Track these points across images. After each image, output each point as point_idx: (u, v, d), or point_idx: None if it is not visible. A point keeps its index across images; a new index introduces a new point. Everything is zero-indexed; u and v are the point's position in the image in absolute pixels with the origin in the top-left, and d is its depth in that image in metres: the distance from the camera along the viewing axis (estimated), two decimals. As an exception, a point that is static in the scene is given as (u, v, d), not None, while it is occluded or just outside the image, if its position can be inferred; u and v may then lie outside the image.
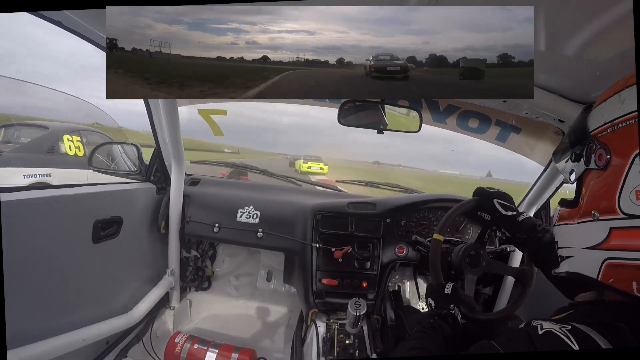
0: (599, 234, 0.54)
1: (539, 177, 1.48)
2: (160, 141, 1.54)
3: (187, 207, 1.64)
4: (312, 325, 1.36)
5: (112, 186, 1.36)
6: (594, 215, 0.55)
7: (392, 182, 2.08)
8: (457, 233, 1.58)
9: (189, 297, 1.94)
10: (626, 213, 0.50)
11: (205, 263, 1.98)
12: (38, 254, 0.97)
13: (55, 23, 0.89)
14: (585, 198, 0.59)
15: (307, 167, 10.90)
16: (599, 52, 0.80)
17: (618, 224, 0.51)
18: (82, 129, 4.21)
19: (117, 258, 1.35)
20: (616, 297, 0.58)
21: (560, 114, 1.16)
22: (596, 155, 0.57)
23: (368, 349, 1.24)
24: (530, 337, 0.53)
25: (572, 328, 0.52)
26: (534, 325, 0.56)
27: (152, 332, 1.59)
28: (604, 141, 0.56)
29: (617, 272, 0.52)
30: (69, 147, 3.85)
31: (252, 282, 2.11)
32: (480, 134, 1.62)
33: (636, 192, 0.49)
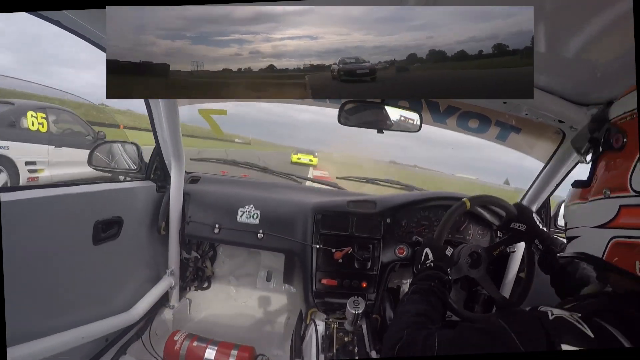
0: (609, 212, 0.56)
1: (538, 175, 1.48)
2: (160, 140, 1.53)
3: (187, 206, 1.63)
4: (312, 324, 1.37)
5: (113, 185, 1.36)
6: (605, 193, 0.58)
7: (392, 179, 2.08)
8: (457, 233, 1.57)
9: (188, 296, 1.94)
10: (637, 191, 0.52)
11: (205, 264, 1.99)
12: (38, 253, 0.97)
13: (54, 23, 0.89)
14: (599, 177, 0.62)
15: (297, 159, 12.07)
16: (599, 53, 0.80)
17: (628, 201, 0.53)
18: (49, 107, 4.29)
19: (117, 259, 1.35)
20: (624, 287, 0.58)
21: (560, 115, 1.16)
22: (614, 139, 0.60)
23: (367, 347, 1.25)
24: (540, 321, 0.53)
25: (583, 316, 0.52)
26: (543, 311, 0.56)
27: (151, 331, 1.59)
28: (622, 126, 0.59)
29: (622, 251, 0.54)
30: (31, 123, 3.96)
31: (251, 283, 2.12)
32: (481, 134, 1.62)
33: None
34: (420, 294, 0.82)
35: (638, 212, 0.52)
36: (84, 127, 4.72)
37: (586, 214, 0.62)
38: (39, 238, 0.97)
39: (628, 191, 0.53)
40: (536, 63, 0.74)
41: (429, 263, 0.95)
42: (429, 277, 0.88)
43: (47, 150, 3.91)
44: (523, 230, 1.08)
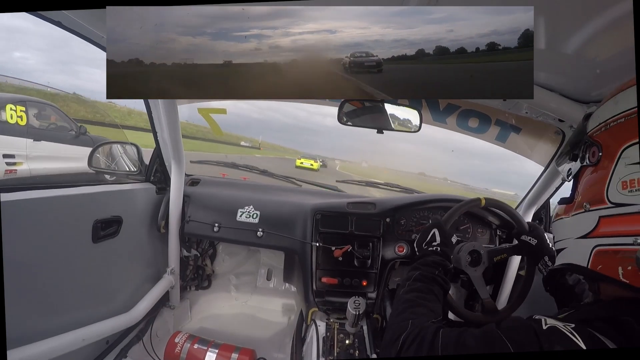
0: (589, 224, 0.59)
1: (539, 178, 1.48)
2: (160, 141, 1.54)
3: (187, 207, 1.63)
4: (312, 325, 1.36)
5: (112, 186, 1.36)
6: (585, 207, 0.60)
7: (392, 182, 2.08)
8: (457, 232, 1.57)
9: (189, 296, 1.94)
10: (613, 202, 0.55)
11: (205, 262, 1.98)
12: (38, 254, 0.97)
13: (55, 23, 0.89)
14: (580, 192, 0.64)
15: (300, 163, 13.57)
16: (599, 50, 0.80)
17: (606, 212, 0.56)
18: (29, 100, 4.18)
19: (117, 257, 1.35)
20: (612, 294, 0.60)
21: (560, 113, 1.16)
22: (590, 153, 0.62)
23: (368, 349, 1.24)
24: (534, 330, 0.55)
25: (576, 326, 0.53)
26: (537, 319, 0.57)
27: (152, 332, 1.58)
28: (597, 139, 0.61)
29: (605, 258, 0.56)
30: (10, 116, 3.88)
31: (252, 281, 2.12)
32: (480, 134, 1.62)
33: (622, 182, 0.54)
34: (424, 282, 0.80)
35: (615, 221, 0.55)
36: (66, 122, 4.60)
37: (570, 227, 0.65)
38: (38, 238, 0.97)
39: (605, 203, 0.56)
40: (536, 60, 0.74)
41: (435, 246, 0.94)
42: (435, 263, 0.87)
43: (26, 144, 3.84)
44: (533, 244, 1.09)
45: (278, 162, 12.43)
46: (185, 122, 1.42)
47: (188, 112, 1.60)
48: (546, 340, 0.52)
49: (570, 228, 0.64)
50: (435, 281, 0.82)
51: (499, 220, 1.56)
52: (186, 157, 1.59)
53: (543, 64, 0.87)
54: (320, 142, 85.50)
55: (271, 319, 1.96)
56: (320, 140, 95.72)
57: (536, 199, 1.50)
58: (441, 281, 0.82)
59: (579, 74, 0.96)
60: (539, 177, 1.48)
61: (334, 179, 2.29)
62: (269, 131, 38.61)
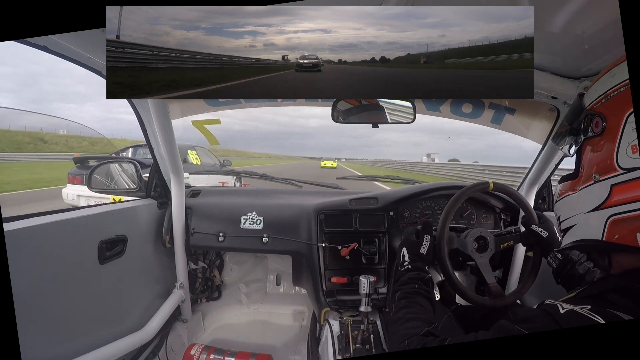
0: (601, 194, 0.57)
1: (538, 156, 1.48)
2: (157, 156, 1.54)
3: (190, 219, 1.63)
4: (326, 325, 1.36)
5: (114, 205, 1.36)
6: (595, 178, 0.59)
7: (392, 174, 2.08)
8: (461, 219, 1.57)
9: (200, 308, 1.94)
10: (624, 168, 0.54)
11: (213, 273, 1.99)
12: (46, 281, 0.97)
13: (40, 48, 0.89)
14: (585, 165, 0.63)
15: (324, 164, 17.63)
16: (586, 26, 0.80)
17: (618, 179, 0.55)
18: (193, 146, 5.39)
19: (125, 276, 1.35)
20: (625, 266, 0.59)
21: (553, 91, 1.16)
22: (593, 124, 0.61)
23: (383, 343, 1.24)
24: (552, 316, 0.53)
25: (592, 307, 0.52)
26: (552, 304, 0.56)
27: (167, 347, 1.58)
28: (599, 110, 0.61)
29: (621, 227, 0.54)
30: (193, 159, 5.20)
31: (262, 288, 2.12)
32: (475, 119, 1.62)
33: (632, 146, 0.53)
34: (407, 299, 0.84)
35: (629, 187, 0.53)
36: (211, 158, 5.97)
37: (578, 202, 0.63)
38: (44, 265, 0.97)
39: (617, 170, 0.55)
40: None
41: (407, 265, 0.97)
42: (411, 279, 0.90)
43: (206, 179, 4.40)
44: (544, 237, 1.08)
45: (302, 165, 13.02)
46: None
47: (182, 125, 1.60)
48: (566, 324, 0.51)
49: (579, 203, 0.63)
50: (418, 294, 0.85)
51: (502, 204, 1.56)
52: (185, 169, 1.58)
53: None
54: (308, 144, 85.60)
55: (284, 323, 1.96)
56: (308, 142, 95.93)
57: (537, 177, 1.50)
58: (424, 292, 0.85)
59: (568, 51, 0.96)
60: (537, 155, 1.48)
61: (334, 176, 2.28)
62: (254, 140, 38.49)
